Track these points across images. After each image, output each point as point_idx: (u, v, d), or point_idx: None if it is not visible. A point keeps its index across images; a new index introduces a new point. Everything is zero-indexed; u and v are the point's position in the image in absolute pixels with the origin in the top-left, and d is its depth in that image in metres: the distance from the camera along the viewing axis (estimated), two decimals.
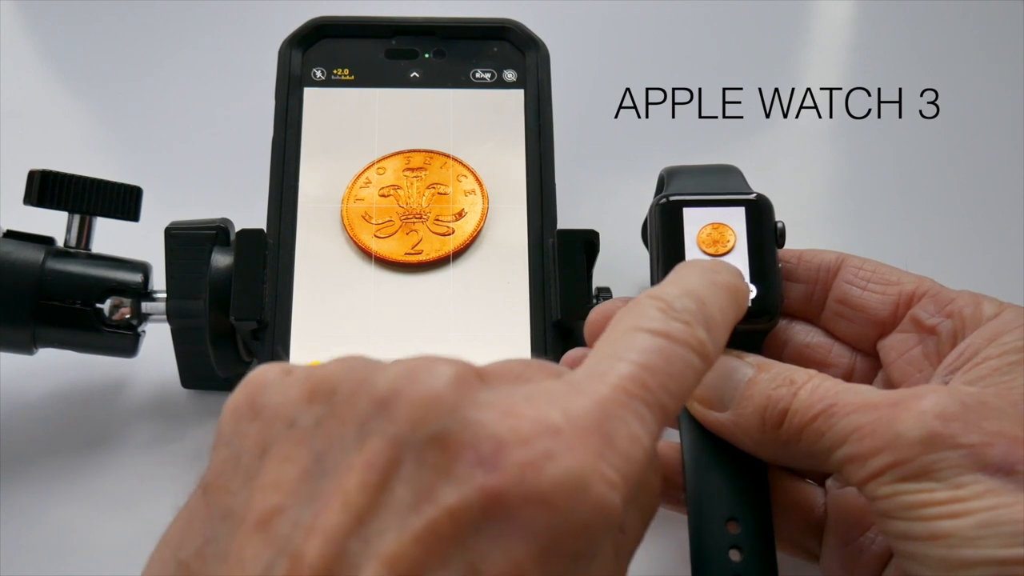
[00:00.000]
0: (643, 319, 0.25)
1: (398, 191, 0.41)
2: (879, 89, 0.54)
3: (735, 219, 0.34)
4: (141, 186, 0.40)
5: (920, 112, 0.53)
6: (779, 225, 0.34)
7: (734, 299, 0.27)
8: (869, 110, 0.54)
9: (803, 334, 0.34)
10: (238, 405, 0.24)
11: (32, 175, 0.39)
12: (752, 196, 0.34)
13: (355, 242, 0.40)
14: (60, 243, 0.40)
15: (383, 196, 0.41)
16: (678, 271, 0.28)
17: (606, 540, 0.22)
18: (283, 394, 0.23)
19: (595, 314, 0.34)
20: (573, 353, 0.34)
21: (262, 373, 0.24)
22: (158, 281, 0.40)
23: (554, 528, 0.21)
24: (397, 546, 0.20)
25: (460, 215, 0.41)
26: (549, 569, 0.21)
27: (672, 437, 0.33)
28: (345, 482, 0.21)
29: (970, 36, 0.57)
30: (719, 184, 0.35)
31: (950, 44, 0.57)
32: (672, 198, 0.34)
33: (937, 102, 0.54)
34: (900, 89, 0.54)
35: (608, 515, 0.21)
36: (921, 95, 0.54)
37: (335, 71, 0.43)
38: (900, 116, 0.53)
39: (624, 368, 0.23)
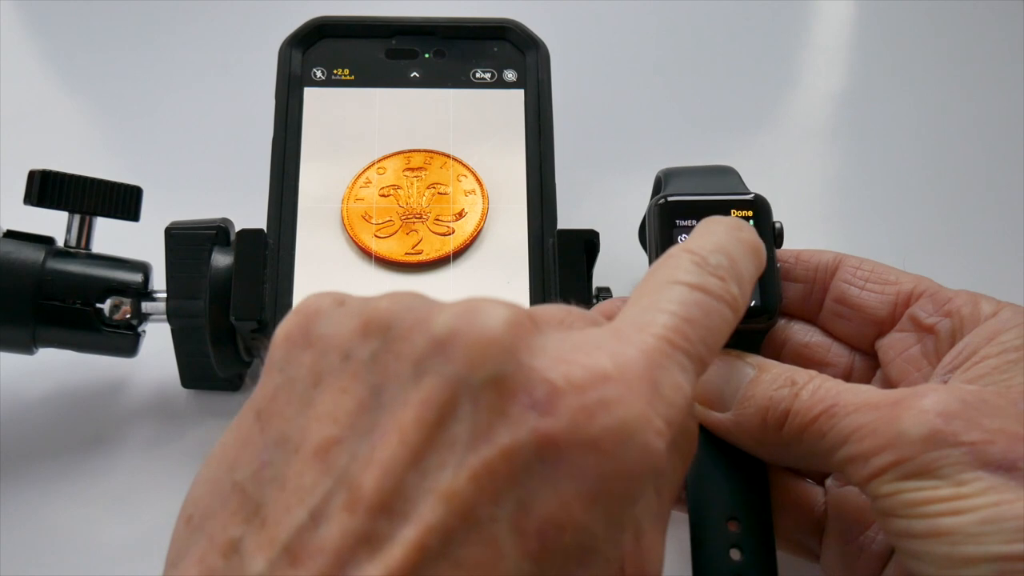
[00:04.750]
0: (680, 272, 0.26)
1: (398, 191, 0.41)
2: (878, 89, 0.54)
3: None
4: (141, 186, 0.41)
5: (920, 112, 0.53)
6: (777, 225, 0.34)
7: (757, 257, 0.28)
8: (868, 110, 0.54)
9: (802, 333, 0.34)
10: (290, 332, 0.24)
11: (32, 175, 0.39)
12: (750, 196, 0.34)
13: (355, 242, 0.40)
14: (60, 243, 0.40)
15: (383, 196, 0.41)
16: (707, 225, 0.29)
17: (650, 483, 0.23)
18: (337, 325, 0.23)
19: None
20: (604, 306, 0.35)
21: (315, 301, 0.24)
22: (158, 281, 0.40)
23: (603, 472, 0.22)
24: (453, 482, 0.21)
25: (460, 215, 0.41)
26: (596, 510, 0.22)
27: None
28: (402, 417, 0.21)
29: (970, 36, 0.57)
30: (716, 184, 0.35)
31: (950, 44, 0.57)
32: (670, 199, 0.34)
33: (937, 102, 0.54)
34: (900, 89, 0.54)
35: (654, 461, 0.22)
36: (921, 95, 0.54)
37: (335, 71, 0.43)
38: (899, 116, 0.53)
39: (667, 319, 0.24)
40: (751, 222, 0.34)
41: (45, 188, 0.38)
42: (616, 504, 0.22)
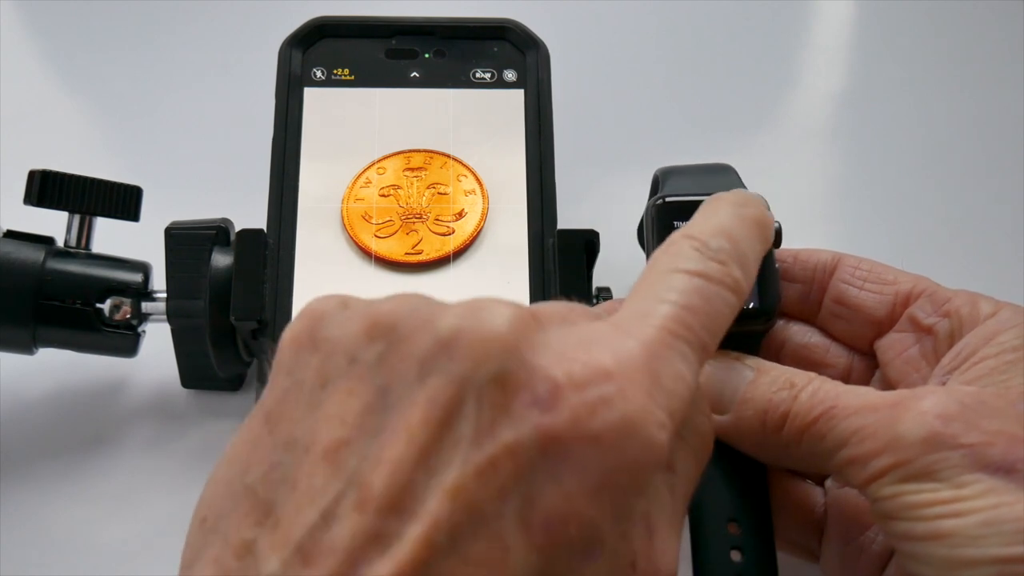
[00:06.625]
0: (680, 259, 0.26)
1: (398, 191, 0.41)
2: (878, 89, 0.54)
3: None
4: (141, 186, 0.41)
5: (919, 112, 0.53)
6: (776, 225, 0.34)
7: (762, 232, 0.29)
8: (868, 110, 0.54)
9: (800, 334, 0.34)
10: (297, 336, 0.24)
11: (32, 175, 0.39)
12: None
13: (355, 242, 0.40)
14: (60, 243, 0.40)
15: (383, 196, 0.41)
16: (708, 206, 0.29)
17: (656, 477, 0.24)
18: (342, 328, 0.23)
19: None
20: (606, 305, 0.35)
21: (320, 305, 0.24)
22: (158, 281, 0.40)
23: (605, 465, 0.22)
24: (460, 478, 0.21)
25: (460, 215, 0.41)
26: (600, 502, 0.22)
27: None
28: (409, 417, 0.22)
29: (970, 36, 0.57)
30: (714, 184, 0.35)
31: (950, 44, 0.57)
32: (668, 199, 0.34)
33: (937, 102, 0.54)
34: (900, 89, 0.54)
35: (656, 453, 0.23)
36: (921, 95, 0.54)
37: (335, 71, 0.43)
38: (899, 116, 0.53)
39: (667, 309, 0.25)
40: None
41: (45, 188, 0.38)
42: (621, 496, 0.22)
